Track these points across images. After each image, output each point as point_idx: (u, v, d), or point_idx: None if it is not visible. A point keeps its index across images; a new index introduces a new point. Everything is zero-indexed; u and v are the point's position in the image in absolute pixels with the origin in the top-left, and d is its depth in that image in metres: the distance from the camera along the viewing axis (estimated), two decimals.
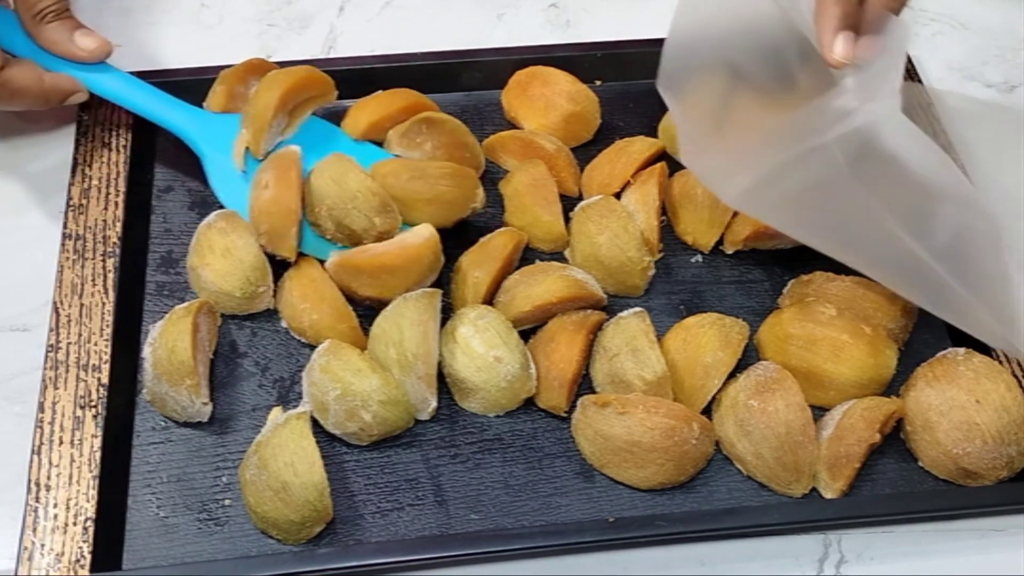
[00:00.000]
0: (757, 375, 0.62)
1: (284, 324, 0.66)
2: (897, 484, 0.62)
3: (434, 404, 0.61)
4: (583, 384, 0.65)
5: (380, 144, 0.72)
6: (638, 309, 0.65)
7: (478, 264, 0.66)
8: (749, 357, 0.65)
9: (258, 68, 0.72)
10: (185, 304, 0.63)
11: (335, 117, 0.75)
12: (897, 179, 0.55)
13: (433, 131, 0.70)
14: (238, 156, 0.69)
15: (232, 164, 0.68)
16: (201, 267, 0.65)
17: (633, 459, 0.60)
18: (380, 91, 0.73)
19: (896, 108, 0.53)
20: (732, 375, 0.63)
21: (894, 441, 0.63)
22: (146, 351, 0.62)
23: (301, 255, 0.66)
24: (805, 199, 0.59)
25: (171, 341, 0.60)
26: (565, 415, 0.63)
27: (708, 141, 0.61)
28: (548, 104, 0.74)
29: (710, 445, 0.62)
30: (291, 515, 0.57)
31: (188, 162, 0.72)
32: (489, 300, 0.66)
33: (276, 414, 0.60)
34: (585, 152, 0.74)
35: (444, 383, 0.63)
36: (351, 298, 0.65)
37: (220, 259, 0.65)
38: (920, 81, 0.76)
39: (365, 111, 0.72)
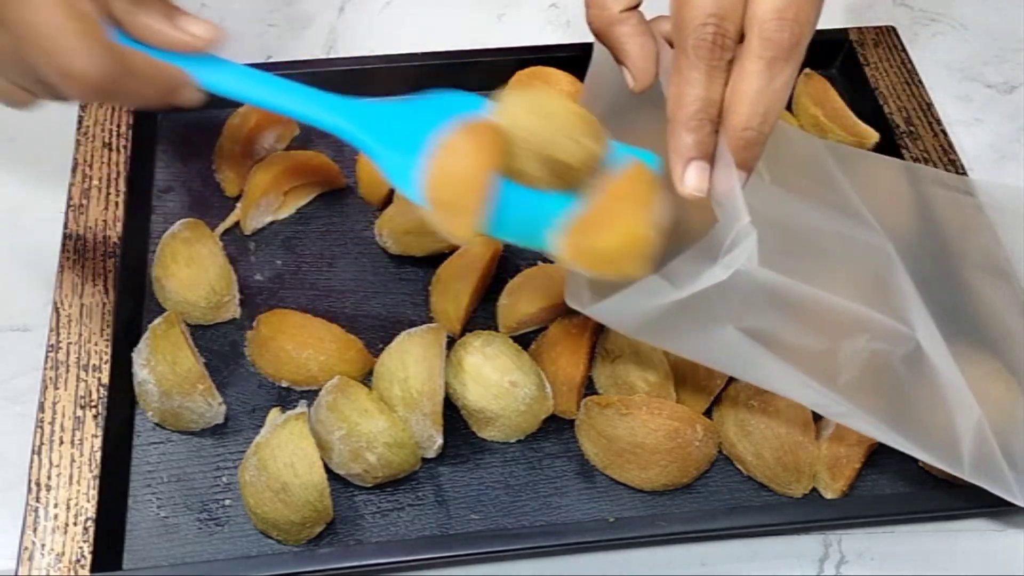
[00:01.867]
0: None
1: (284, 384, 0.64)
2: (897, 484, 0.62)
3: (440, 441, 0.60)
4: (587, 387, 0.64)
5: None
6: None
7: (458, 276, 0.66)
8: None
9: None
10: (160, 319, 0.62)
11: None
12: (781, 322, 0.52)
13: None
14: (220, 228, 0.69)
15: (402, 158, 0.53)
16: (165, 277, 0.65)
17: (636, 460, 0.60)
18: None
19: (752, 253, 0.49)
20: None
21: None
22: (142, 375, 0.61)
23: (268, 317, 0.64)
24: (699, 344, 0.55)
25: (169, 354, 0.60)
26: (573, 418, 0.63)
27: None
28: None
29: (713, 447, 0.61)
30: (291, 516, 0.57)
31: (188, 162, 0.72)
32: (471, 310, 0.66)
33: (275, 415, 0.60)
34: None
35: (451, 416, 0.62)
36: None
37: (184, 268, 0.64)
38: (921, 84, 0.76)
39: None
